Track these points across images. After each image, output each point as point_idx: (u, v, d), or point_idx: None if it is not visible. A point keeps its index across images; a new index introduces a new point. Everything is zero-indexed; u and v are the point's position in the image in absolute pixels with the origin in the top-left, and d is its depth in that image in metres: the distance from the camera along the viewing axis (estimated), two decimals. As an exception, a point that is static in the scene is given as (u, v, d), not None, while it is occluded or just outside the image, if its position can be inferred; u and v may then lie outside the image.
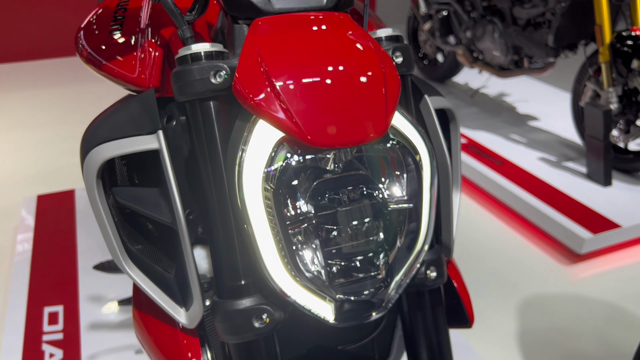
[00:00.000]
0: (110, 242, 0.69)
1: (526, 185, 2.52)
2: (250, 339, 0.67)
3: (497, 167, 2.71)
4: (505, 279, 2.08)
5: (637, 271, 2.15)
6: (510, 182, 2.55)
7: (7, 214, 2.49)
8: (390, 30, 0.76)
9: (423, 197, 0.69)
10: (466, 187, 2.78)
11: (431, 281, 0.75)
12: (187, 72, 0.64)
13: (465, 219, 2.52)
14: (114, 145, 0.67)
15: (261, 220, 0.62)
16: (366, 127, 0.61)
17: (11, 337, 1.69)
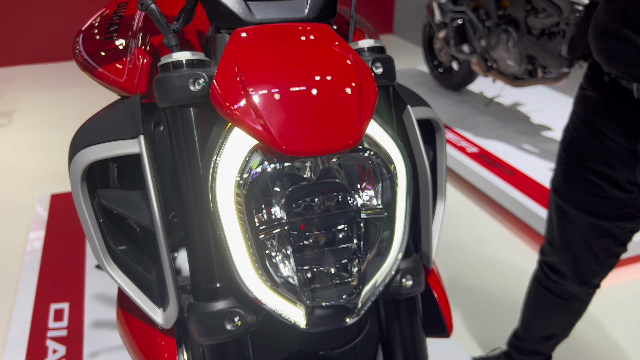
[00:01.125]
0: (93, 242, 0.71)
1: (536, 196, 2.49)
2: (222, 341, 0.69)
3: (507, 177, 2.69)
4: (518, 293, 2.06)
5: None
6: (520, 193, 2.53)
7: (22, 211, 2.55)
8: (373, 41, 0.77)
9: (397, 207, 0.69)
10: (476, 197, 2.76)
11: (407, 289, 0.75)
12: (167, 79, 0.67)
13: (475, 230, 2.51)
14: (97, 149, 0.69)
15: (233, 225, 0.63)
16: (339, 137, 0.63)
17: (17, 332, 1.74)
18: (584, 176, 1.19)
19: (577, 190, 1.22)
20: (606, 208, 1.18)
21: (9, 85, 4.50)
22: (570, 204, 1.25)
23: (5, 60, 4.96)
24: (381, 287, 0.70)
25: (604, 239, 1.25)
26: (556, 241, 1.35)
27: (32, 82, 4.59)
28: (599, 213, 1.20)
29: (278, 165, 0.64)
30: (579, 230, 1.26)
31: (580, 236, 1.27)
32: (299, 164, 0.65)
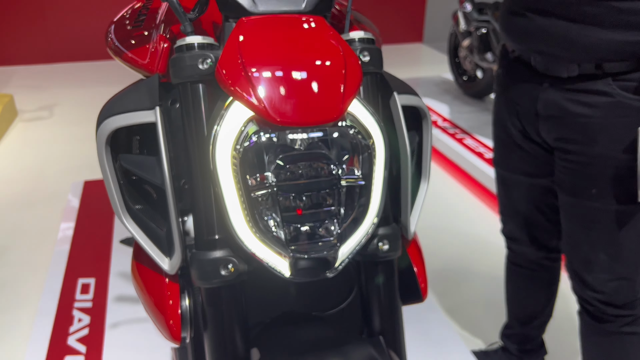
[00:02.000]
0: (113, 198, 0.83)
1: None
2: (217, 285, 0.79)
3: (521, 182, 2.74)
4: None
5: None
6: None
7: (57, 196, 2.73)
8: (363, 33, 0.87)
9: (374, 177, 0.79)
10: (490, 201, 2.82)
11: (383, 253, 0.84)
12: (180, 58, 0.78)
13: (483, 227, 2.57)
14: (120, 118, 0.81)
15: (229, 184, 0.74)
16: (323, 111, 0.73)
17: (47, 302, 1.88)
18: (509, 142, 1.35)
19: (508, 157, 1.39)
20: (535, 166, 1.34)
21: (52, 81, 4.76)
22: (507, 171, 1.41)
23: (49, 58, 5.24)
24: (358, 247, 0.80)
25: (545, 195, 1.38)
26: (507, 209, 1.50)
27: (72, 79, 4.83)
28: (531, 172, 1.36)
29: (271, 135, 0.74)
30: (522, 192, 1.42)
31: (524, 198, 1.42)
32: (291, 136, 0.76)
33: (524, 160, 1.35)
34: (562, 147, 1.22)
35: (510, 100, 1.30)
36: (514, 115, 1.30)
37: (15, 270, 2.16)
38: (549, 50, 1.15)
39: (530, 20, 1.16)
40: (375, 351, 0.82)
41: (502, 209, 1.51)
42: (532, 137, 1.29)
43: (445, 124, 3.57)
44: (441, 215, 2.69)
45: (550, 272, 1.55)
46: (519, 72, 1.25)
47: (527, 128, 1.28)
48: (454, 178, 3.10)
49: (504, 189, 1.47)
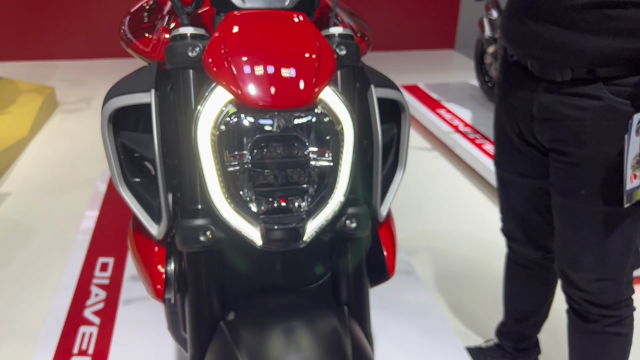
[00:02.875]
0: (112, 170, 0.93)
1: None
2: (197, 250, 0.88)
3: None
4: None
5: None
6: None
7: (87, 182, 2.89)
8: (341, 29, 0.95)
9: (342, 160, 0.86)
10: (503, 206, 2.83)
11: (351, 230, 0.91)
12: (173, 47, 0.87)
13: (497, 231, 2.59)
14: (121, 99, 0.91)
15: (208, 158, 0.83)
16: (295, 97, 0.81)
17: (68, 278, 2.02)
18: (507, 144, 1.40)
19: (507, 158, 1.44)
20: (531, 167, 1.38)
21: (91, 76, 4.99)
22: (506, 171, 1.46)
23: (90, 54, 5.49)
24: (326, 222, 0.87)
25: (541, 196, 1.41)
26: (505, 209, 1.54)
27: (111, 74, 5.05)
28: (527, 173, 1.40)
29: (247, 117, 0.83)
30: (520, 193, 1.46)
31: (521, 198, 1.46)
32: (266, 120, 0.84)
33: (521, 162, 1.39)
34: (555, 148, 1.26)
35: (509, 103, 1.34)
36: (512, 118, 1.35)
37: (43, 249, 2.32)
38: (543, 55, 1.19)
39: (526, 26, 1.21)
40: (338, 319, 0.89)
41: (502, 208, 1.56)
42: (528, 139, 1.34)
43: (467, 129, 3.60)
44: (457, 217, 2.73)
45: (547, 272, 1.58)
46: (517, 76, 1.30)
47: (524, 130, 1.33)
48: (471, 182, 3.13)
49: (503, 190, 1.52)
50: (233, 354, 0.82)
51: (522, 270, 1.60)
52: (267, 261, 1.05)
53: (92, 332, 1.76)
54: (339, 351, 0.83)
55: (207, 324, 0.91)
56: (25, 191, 2.82)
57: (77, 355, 1.66)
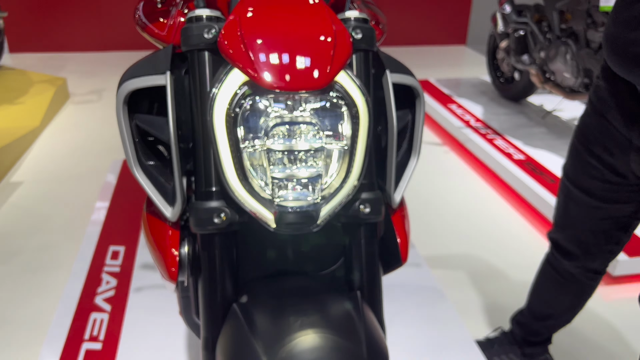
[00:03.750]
0: (127, 152, 0.93)
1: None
2: (211, 232, 0.88)
3: (547, 184, 2.74)
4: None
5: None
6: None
7: (97, 173, 2.91)
8: (357, 13, 0.94)
9: (358, 143, 0.86)
10: (515, 202, 2.82)
11: (365, 215, 0.91)
12: (189, 28, 0.87)
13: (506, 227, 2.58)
14: (136, 81, 0.91)
15: (224, 140, 0.83)
16: (310, 79, 0.80)
17: (80, 265, 2.03)
18: (587, 159, 1.28)
19: (581, 172, 1.32)
20: (604, 191, 1.28)
21: (103, 68, 5.02)
22: (574, 185, 1.35)
23: (102, 46, 5.51)
24: (340, 207, 0.87)
25: (603, 220, 1.33)
26: (561, 219, 1.45)
27: (122, 66, 5.07)
28: (598, 195, 1.30)
29: (263, 99, 0.83)
30: (581, 211, 1.36)
31: (581, 216, 1.37)
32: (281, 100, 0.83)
33: (595, 184, 1.29)
34: None
35: (604, 118, 1.21)
36: (605, 136, 1.21)
37: (55, 236, 2.34)
38: None
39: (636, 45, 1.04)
40: (351, 303, 0.89)
41: (557, 217, 1.47)
42: (616, 165, 1.22)
43: (478, 124, 3.58)
44: (467, 213, 2.72)
45: (584, 286, 1.52)
46: (620, 91, 1.15)
47: (615, 154, 1.21)
48: (481, 177, 3.11)
49: (565, 200, 1.41)
50: (246, 335, 0.82)
51: (559, 277, 1.53)
52: (279, 246, 1.05)
53: (103, 318, 1.77)
54: (352, 334, 0.82)
55: (220, 306, 0.91)
56: (37, 180, 2.84)
57: (88, 341, 1.67)
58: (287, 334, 0.80)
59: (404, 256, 1.01)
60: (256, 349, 0.79)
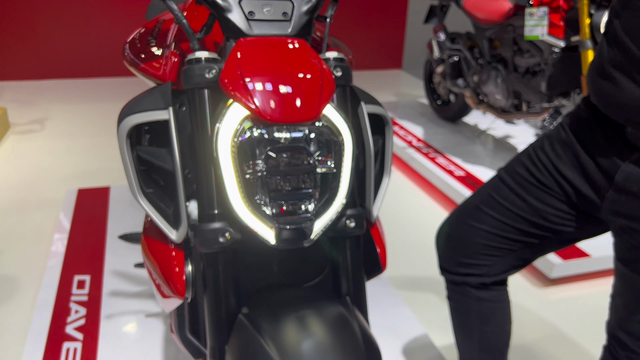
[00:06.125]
0: (131, 182, 1.01)
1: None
2: (216, 250, 0.98)
3: (487, 197, 2.97)
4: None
5: (599, 302, 2.34)
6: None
7: (51, 203, 2.87)
8: (336, 53, 1.08)
9: (343, 167, 0.99)
10: (458, 214, 3.03)
11: (350, 229, 1.04)
12: (191, 69, 0.98)
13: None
14: (139, 116, 0.99)
15: (228, 168, 0.93)
16: (302, 112, 0.93)
17: (45, 295, 2.03)
18: (534, 180, 1.22)
19: (524, 181, 1.24)
20: (535, 213, 1.22)
21: (42, 97, 4.91)
22: (509, 186, 1.26)
23: (40, 74, 5.40)
24: (330, 222, 0.99)
25: (509, 230, 1.27)
26: (466, 209, 1.35)
27: (62, 95, 4.99)
28: (524, 213, 1.24)
29: (262, 130, 0.94)
30: (492, 220, 1.29)
31: (488, 224, 1.29)
32: (278, 133, 0.95)
33: (530, 201, 1.22)
34: (628, 226, 1.07)
35: (578, 152, 1.15)
36: (574, 170, 1.15)
37: (13, 270, 2.30)
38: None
39: (622, 88, 1.01)
40: (343, 308, 1.00)
41: (465, 207, 1.36)
42: (584, 190, 1.15)
43: (420, 144, 3.81)
44: (416, 226, 2.90)
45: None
46: (606, 131, 1.09)
47: (582, 187, 1.15)
48: (426, 193, 3.32)
49: (487, 196, 1.30)
50: (257, 340, 0.92)
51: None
52: (270, 261, 1.15)
53: (77, 347, 1.78)
54: (350, 334, 0.94)
55: (226, 318, 1.00)
56: (-14, 213, 2.77)
57: (63, 370, 1.69)
58: (294, 337, 0.91)
59: (383, 264, 1.14)
60: (268, 352, 0.89)
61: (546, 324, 2.17)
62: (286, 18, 1.02)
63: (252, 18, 1.01)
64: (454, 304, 1.42)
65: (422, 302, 2.24)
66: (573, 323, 2.18)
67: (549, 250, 1.32)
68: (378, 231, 1.17)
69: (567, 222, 1.22)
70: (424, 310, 2.18)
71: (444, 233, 1.38)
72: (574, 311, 2.26)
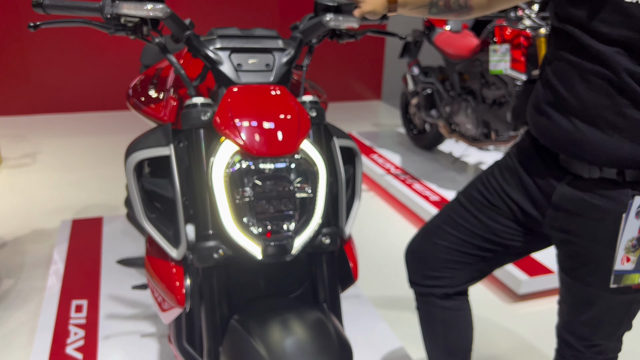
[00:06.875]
0: (138, 210, 1.18)
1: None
2: (211, 265, 1.15)
3: (460, 220, 3.16)
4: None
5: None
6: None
7: (47, 234, 3.01)
8: (312, 97, 1.27)
9: (318, 192, 1.17)
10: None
11: (326, 246, 1.21)
12: (189, 112, 1.16)
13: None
14: (145, 152, 1.18)
15: (221, 195, 1.11)
16: (284, 147, 1.12)
17: (45, 320, 2.16)
18: (487, 202, 1.38)
19: (475, 208, 1.40)
20: (488, 229, 1.38)
21: (33, 131, 5.06)
22: (467, 209, 1.42)
23: (31, 109, 5.55)
24: (308, 240, 1.17)
25: (465, 245, 1.42)
26: (432, 230, 1.49)
27: (53, 129, 5.14)
28: (479, 230, 1.40)
29: (249, 162, 1.12)
30: (452, 236, 1.44)
31: (450, 239, 1.45)
32: (262, 163, 1.13)
33: (482, 220, 1.37)
34: (566, 239, 1.25)
35: (522, 176, 1.30)
36: (518, 191, 1.31)
37: (12, 297, 2.42)
38: (573, 150, 1.16)
39: (553, 120, 1.17)
40: (321, 313, 1.18)
41: (431, 226, 1.50)
42: (525, 209, 1.30)
43: (398, 171, 4.02)
44: (394, 249, 3.08)
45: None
46: (544, 158, 1.25)
47: (526, 206, 1.30)
48: (404, 217, 3.51)
49: (449, 218, 1.45)
50: (248, 340, 1.08)
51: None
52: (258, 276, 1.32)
53: (77, 366, 1.91)
54: (326, 334, 1.11)
55: (220, 322, 1.16)
56: (-17, 245, 2.89)
57: (65, 386, 1.81)
58: (279, 337, 1.08)
59: (355, 276, 1.32)
60: (258, 350, 1.05)
61: (515, 337, 2.35)
62: (268, 69, 1.22)
63: (240, 69, 1.20)
64: (422, 313, 1.59)
65: (399, 318, 2.41)
66: (541, 335, 2.36)
67: (503, 263, 1.51)
68: (351, 247, 1.35)
69: (515, 238, 1.40)
70: (401, 326, 2.34)
71: (412, 250, 1.56)
72: (541, 324, 2.44)
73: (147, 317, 2.20)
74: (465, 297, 1.57)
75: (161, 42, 1.22)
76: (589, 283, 1.25)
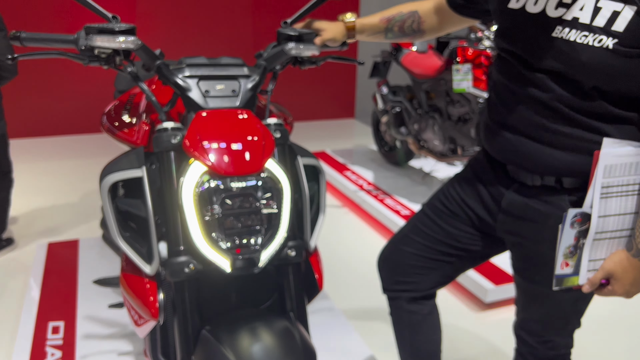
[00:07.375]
0: (112, 229, 1.25)
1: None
2: (182, 279, 1.22)
3: (429, 233, 3.27)
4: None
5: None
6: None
7: (23, 257, 3.03)
8: (276, 119, 1.37)
9: (283, 208, 1.26)
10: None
11: (292, 257, 1.30)
12: (160, 136, 1.25)
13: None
14: (118, 174, 1.25)
15: (191, 212, 1.18)
16: (249, 166, 1.20)
17: (22, 342, 2.18)
18: (449, 210, 1.49)
19: (438, 216, 1.50)
20: (449, 236, 1.48)
21: (7, 156, 5.04)
22: (429, 217, 1.53)
23: (4, 134, 5.53)
24: (274, 252, 1.25)
25: (431, 249, 1.53)
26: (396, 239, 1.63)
27: (27, 154, 5.14)
28: (442, 236, 1.51)
29: (217, 182, 1.21)
30: (417, 242, 1.55)
31: (417, 246, 1.55)
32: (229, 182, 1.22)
33: (444, 227, 1.49)
34: (515, 242, 1.38)
35: (479, 186, 1.42)
36: (475, 198, 1.42)
37: (-12, 320, 2.44)
38: (518, 161, 1.29)
39: (501, 136, 1.31)
40: (287, 321, 1.26)
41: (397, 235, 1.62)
42: (480, 215, 1.42)
43: (370, 187, 4.13)
44: (367, 262, 3.17)
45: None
46: (495, 168, 1.38)
47: (480, 212, 1.42)
48: (376, 232, 3.62)
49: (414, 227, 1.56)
50: (218, 349, 1.15)
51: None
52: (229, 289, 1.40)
53: (55, 385, 1.95)
54: (292, 341, 1.19)
55: (192, 333, 1.23)
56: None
57: (43, 406, 1.84)
58: (248, 344, 1.15)
59: (320, 286, 1.40)
60: (229, 358, 1.13)
61: (483, 343, 2.45)
62: (235, 94, 1.31)
63: (207, 95, 1.29)
64: (393, 318, 1.68)
65: (372, 328, 2.49)
66: (507, 341, 2.45)
67: (466, 267, 1.61)
68: (317, 259, 1.44)
69: (474, 242, 1.51)
70: (373, 336, 2.43)
71: (383, 258, 1.66)
72: (507, 331, 2.52)
73: (124, 335, 2.24)
74: (433, 301, 1.66)
75: (133, 71, 1.30)
76: (537, 282, 1.37)
